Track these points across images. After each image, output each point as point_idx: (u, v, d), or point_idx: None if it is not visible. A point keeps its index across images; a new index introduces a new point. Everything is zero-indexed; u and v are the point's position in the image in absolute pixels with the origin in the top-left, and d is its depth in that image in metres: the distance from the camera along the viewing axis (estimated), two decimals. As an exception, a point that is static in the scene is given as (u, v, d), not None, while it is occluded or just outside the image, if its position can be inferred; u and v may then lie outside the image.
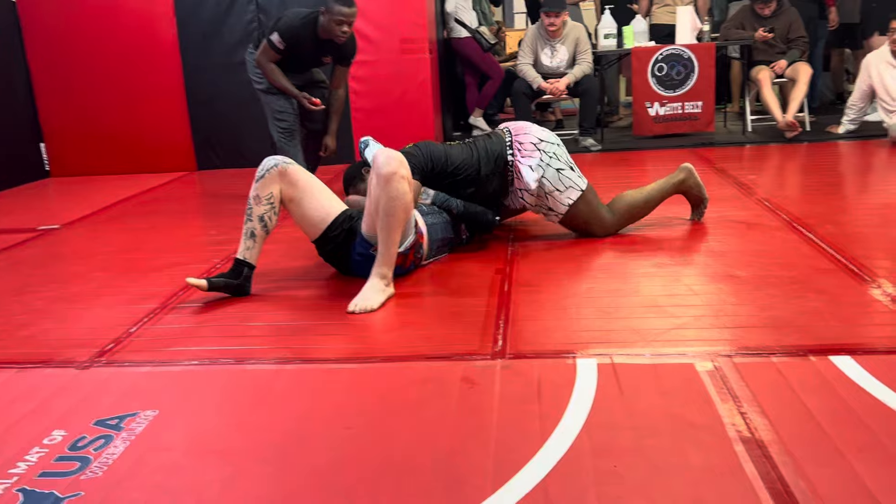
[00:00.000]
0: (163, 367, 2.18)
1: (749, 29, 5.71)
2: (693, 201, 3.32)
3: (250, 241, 2.68)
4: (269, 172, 2.66)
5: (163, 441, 1.76)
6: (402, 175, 2.52)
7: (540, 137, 3.07)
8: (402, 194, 2.52)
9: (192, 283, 2.62)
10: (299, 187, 2.69)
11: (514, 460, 1.57)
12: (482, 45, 6.15)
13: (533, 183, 3.01)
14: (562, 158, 3.06)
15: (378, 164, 2.53)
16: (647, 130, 5.68)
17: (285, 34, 3.90)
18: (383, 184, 2.50)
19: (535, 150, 3.03)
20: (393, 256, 2.59)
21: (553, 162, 3.03)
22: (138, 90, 5.56)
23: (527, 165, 3.02)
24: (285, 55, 3.96)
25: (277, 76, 4.01)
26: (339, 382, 2.02)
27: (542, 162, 3.02)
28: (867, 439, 1.57)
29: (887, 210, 3.43)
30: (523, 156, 3.03)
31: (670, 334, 2.17)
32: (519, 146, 3.05)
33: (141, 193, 4.93)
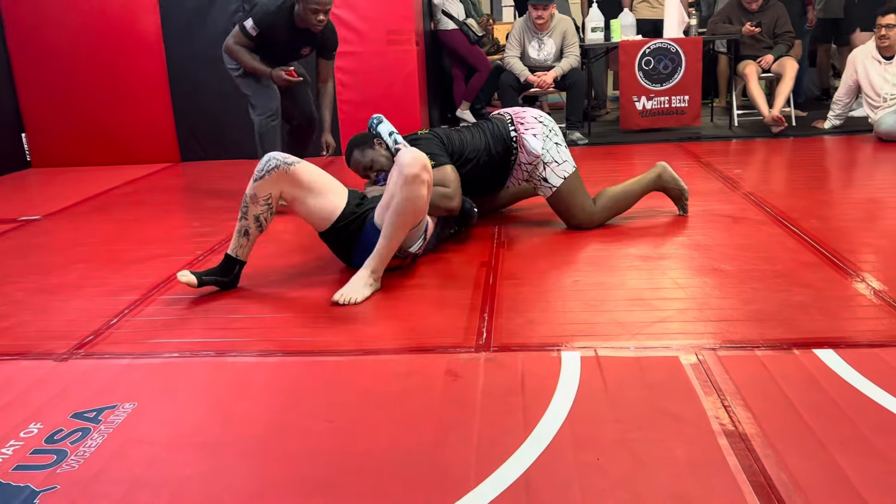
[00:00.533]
0: (143, 359, 2.15)
1: (736, 23, 5.71)
2: (673, 196, 3.33)
3: (244, 238, 2.63)
4: (269, 174, 2.56)
5: (142, 434, 1.73)
6: (423, 179, 2.48)
7: (539, 114, 3.26)
8: (418, 197, 2.49)
9: (183, 281, 2.58)
10: (303, 187, 2.60)
11: (497, 453, 1.56)
12: (469, 38, 6.12)
13: (539, 148, 3.11)
14: (559, 135, 3.21)
15: (404, 162, 2.48)
16: (634, 124, 5.68)
17: (260, 21, 3.76)
18: (403, 183, 2.47)
19: (537, 122, 3.17)
20: (390, 254, 2.57)
21: (553, 136, 3.17)
22: (121, 80, 5.49)
23: (531, 134, 3.13)
24: (259, 43, 3.81)
25: (246, 57, 3.81)
26: (322, 375, 2.00)
27: (544, 132, 3.15)
28: (849, 432, 1.57)
29: (871, 205, 3.45)
30: (526, 128, 3.15)
31: (655, 327, 2.16)
32: (521, 121, 3.18)
33: (124, 184, 4.87)
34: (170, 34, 5.40)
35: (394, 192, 2.50)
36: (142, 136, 5.60)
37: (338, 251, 2.82)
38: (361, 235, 2.66)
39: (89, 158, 5.65)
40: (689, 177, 4.19)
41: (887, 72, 4.93)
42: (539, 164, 3.13)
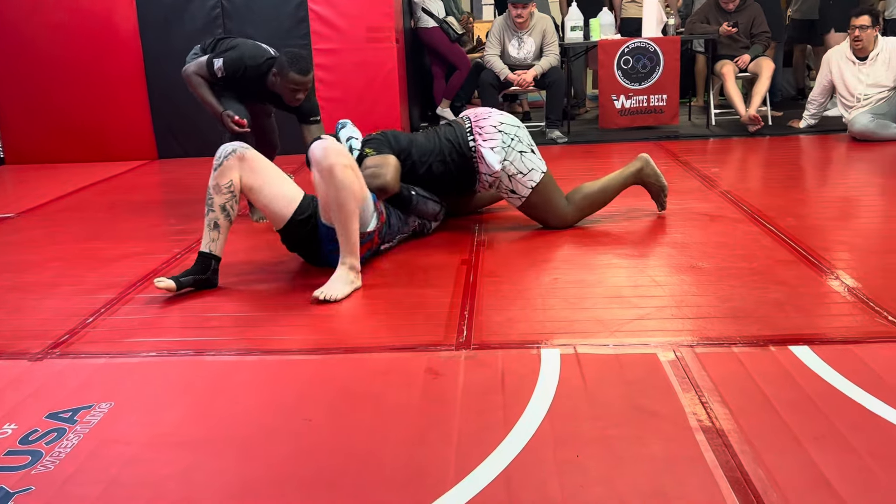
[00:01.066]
0: (120, 358, 2.13)
1: (713, 23, 5.76)
2: (653, 191, 3.31)
3: (214, 232, 2.61)
4: (227, 159, 2.58)
5: (119, 434, 1.71)
6: (343, 164, 2.49)
7: (500, 121, 3.08)
8: (350, 183, 2.49)
9: (162, 286, 2.54)
10: (259, 173, 2.62)
11: (476, 451, 1.56)
12: (449, 36, 6.12)
13: (497, 165, 3.02)
14: (524, 141, 3.08)
15: (315, 158, 2.49)
16: (613, 123, 5.71)
17: (229, 67, 3.47)
18: (327, 177, 2.48)
19: (497, 132, 3.05)
20: (355, 245, 2.56)
21: (515, 144, 3.05)
22: (97, 76, 5.42)
23: (488, 148, 3.03)
24: (219, 84, 3.54)
25: (202, 90, 3.53)
26: (301, 374, 1.99)
27: (504, 144, 3.03)
28: (824, 428, 1.59)
29: (845, 203, 3.50)
30: (484, 139, 3.04)
31: (633, 325, 2.18)
32: (479, 130, 3.06)
33: (100, 182, 4.82)
34: (146, 30, 5.34)
35: (325, 190, 2.51)
36: (118, 132, 5.54)
37: (302, 251, 2.81)
38: (318, 234, 2.68)
39: (64, 155, 5.57)
40: (668, 175, 4.21)
41: (861, 72, 5.00)
42: (503, 177, 3.06)
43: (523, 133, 3.10)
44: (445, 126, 3.18)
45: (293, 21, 5.26)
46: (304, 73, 3.38)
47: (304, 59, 3.40)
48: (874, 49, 4.96)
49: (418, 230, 3.16)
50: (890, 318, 2.13)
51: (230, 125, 3.50)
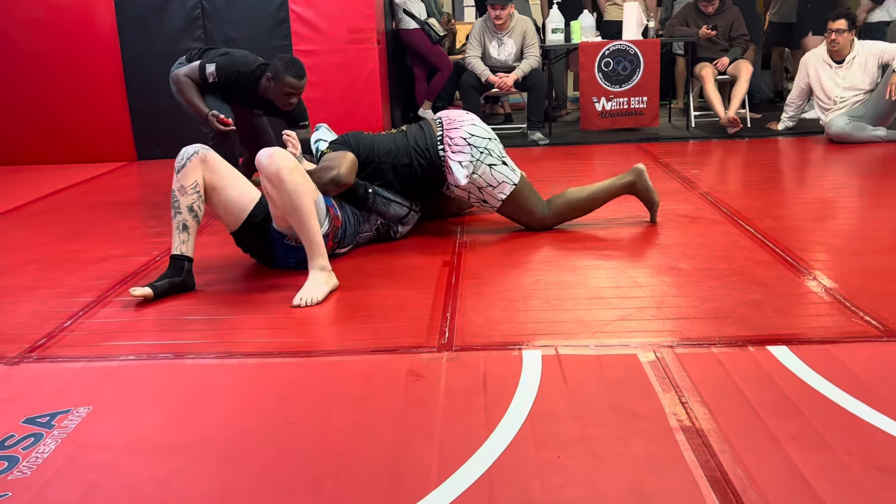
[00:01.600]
0: (98, 362, 2.11)
1: (693, 26, 5.81)
2: (644, 203, 3.26)
3: (184, 233, 2.60)
4: (189, 161, 2.59)
5: (97, 438, 1.70)
6: (289, 167, 2.49)
7: (471, 132, 3.02)
8: (299, 184, 2.51)
9: (138, 294, 2.52)
10: (220, 174, 2.65)
11: (458, 453, 1.56)
12: (431, 37, 6.12)
13: (463, 180, 2.99)
14: (494, 153, 3.02)
15: (262, 165, 2.50)
16: (594, 125, 5.74)
17: (221, 72, 3.58)
18: (276, 182, 2.49)
19: (466, 145, 2.99)
20: (320, 245, 2.57)
21: (485, 158, 3.00)
22: (75, 77, 5.36)
23: (457, 162, 2.98)
24: (210, 88, 3.65)
25: (191, 93, 3.64)
26: (282, 377, 1.98)
27: (474, 158, 2.98)
28: (801, 427, 1.61)
29: (823, 204, 3.54)
30: (454, 151, 2.99)
31: (614, 325, 2.19)
32: (450, 141, 3.01)
33: (78, 184, 4.76)
34: (125, 30, 5.29)
35: (276, 196, 2.52)
36: (97, 134, 5.49)
37: (256, 253, 2.83)
38: (270, 236, 2.70)
39: (42, 157, 5.51)
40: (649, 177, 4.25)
41: (837, 75, 5.06)
42: (472, 189, 3.04)
43: (494, 145, 3.04)
44: (416, 128, 3.12)
45: (274, 22, 5.25)
46: (300, 78, 3.48)
47: (299, 64, 3.49)
48: (850, 52, 5.03)
49: (382, 232, 3.11)
50: (866, 319, 2.16)
51: (216, 125, 3.56)
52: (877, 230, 3.07)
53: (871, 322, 2.13)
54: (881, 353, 1.95)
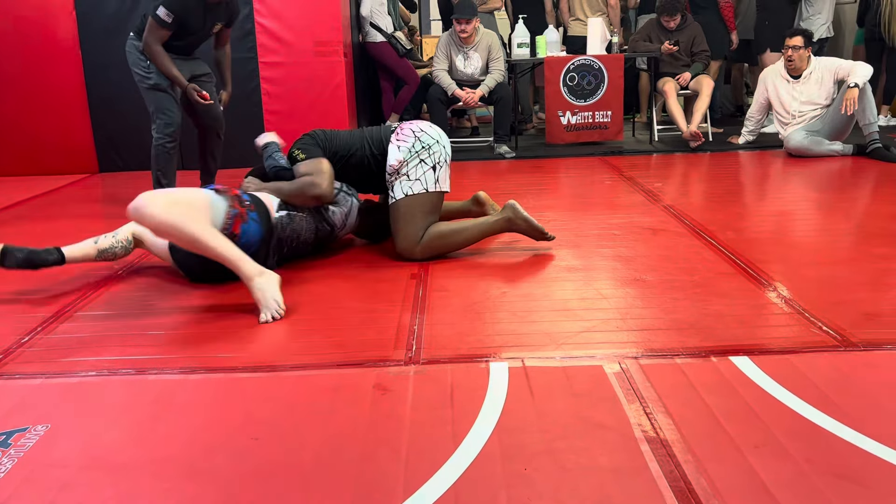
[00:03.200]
0: (56, 378, 2.06)
1: (656, 42, 5.92)
2: (532, 236, 3.11)
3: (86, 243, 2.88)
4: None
5: (55, 457, 1.66)
6: (157, 212, 2.41)
7: (422, 129, 3.03)
8: (176, 219, 2.43)
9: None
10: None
11: (425, 466, 1.56)
12: (398, 51, 6.14)
13: (394, 159, 2.97)
14: (434, 156, 2.98)
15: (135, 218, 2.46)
16: (559, 139, 5.80)
17: (171, 5, 3.68)
18: (158, 230, 2.47)
19: (412, 135, 3.01)
20: (238, 258, 2.49)
21: (423, 154, 2.97)
22: (35, 88, 5.27)
23: (396, 146, 3.00)
24: (174, 29, 3.75)
25: (166, 62, 3.77)
26: (246, 392, 1.96)
27: (413, 149, 2.97)
28: (763, 436, 1.64)
29: (782, 217, 3.62)
30: (398, 138, 3.02)
31: (580, 337, 2.21)
32: (400, 131, 3.05)
33: (38, 196, 4.67)
34: (87, 40, 5.22)
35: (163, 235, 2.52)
36: (57, 145, 5.39)
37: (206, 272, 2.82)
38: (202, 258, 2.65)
39: (1, 169, 5.39)
40: (613, 190, 4.32)
41: (795, 90, 5.19)
42: (394, 174, 2.99)
43: (440, 150, 3.00)
44: (376, 127, 3.18)
45: (239, 33, 5.21)
46: None
47: None
48: (807, 68, 5.16)
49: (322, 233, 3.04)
50: (825, 329, 2.21)
51: (196, 98, 3.80)
52: (834, 242, 3.15)
53: (829, 332, 2.18)
54: (839, 363, 1.99)
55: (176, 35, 3.80)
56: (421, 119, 7.43)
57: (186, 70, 3.94)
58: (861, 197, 4.11)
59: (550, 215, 3.71)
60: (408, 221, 2.96)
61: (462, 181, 4.80)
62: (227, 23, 4.06)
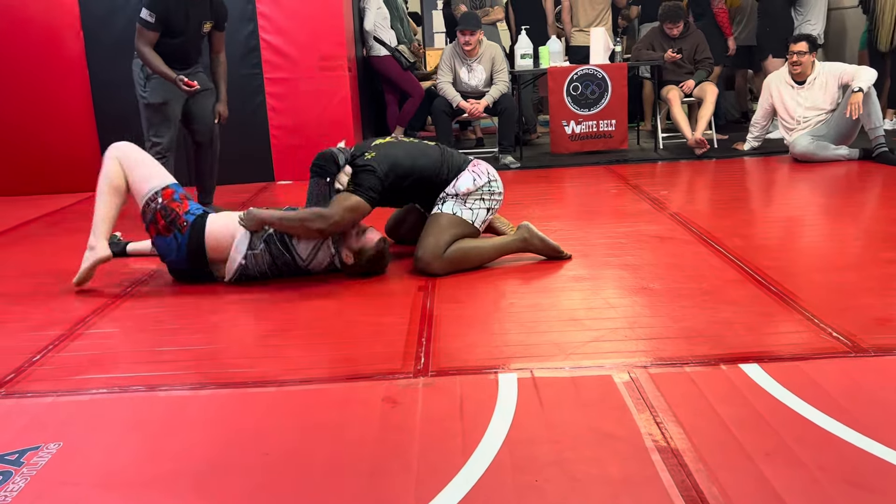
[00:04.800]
0: (68, 396, 2.07)
1: (658, 50, 5.93)
2: (547, 255, 3.14)
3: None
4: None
5: (68, 475, 1.66)
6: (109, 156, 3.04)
7: (496, 176, 3.14)
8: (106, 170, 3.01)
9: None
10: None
11: (436, 479, 1.56)
12: (402, 64, 6.17)
13: (465, 188, 3.02)
14: (492, 202, 3.10)
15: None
16: (564, 148, 5.80)
17: (153, 4, 3.74)
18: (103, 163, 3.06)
19: (487, 176, 3.10)
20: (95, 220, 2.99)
21: (486, 195, 3.07)
22: (43, 106, 5.29)
23: (472, 175, 3.05)
24: (160, 30, 3.79)
25: (154, 60, 3.82)
26: (257, 407, 1.96)
27: (485, 187, 3.06)
28: (774, 443, 1.63)
29: (789, 223, 3.61)
30: (475, 171, 3.08)
31: (589, 347, 2.21)
32: (476, 165, 3.12)
33: (47, 214, 4.70)
34: (94, 58, 5.26)
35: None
36: (66, 164, 5.41)
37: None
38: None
39: (9, 189, 5.42)
40: (618, 199, 4.32)
41: (800, 95, 5.19)
42: (454, 197, 3.02)
43: (499, 200, 3.14)
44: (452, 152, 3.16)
45: (245, 50, 5.25)
46: None
47: None
48: (811, 73, 5.16)
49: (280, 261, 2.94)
50: (834, 335, 2.20)
51: (183, 88, 3.79)
52: (842, 247, 3.14)
53: (839, 338, 2.17)
54: (849, 369, 1.98)
55: (166, 36, 3.82)
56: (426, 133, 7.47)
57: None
58: (868, 201, 4.10)
59: (557, 225, 3.71)
60: (441, 233, 2.99)
61: (468, 192, 4.81)
62: (215, 23, 4.07)
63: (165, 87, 3.93)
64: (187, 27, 3.93)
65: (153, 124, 4.01)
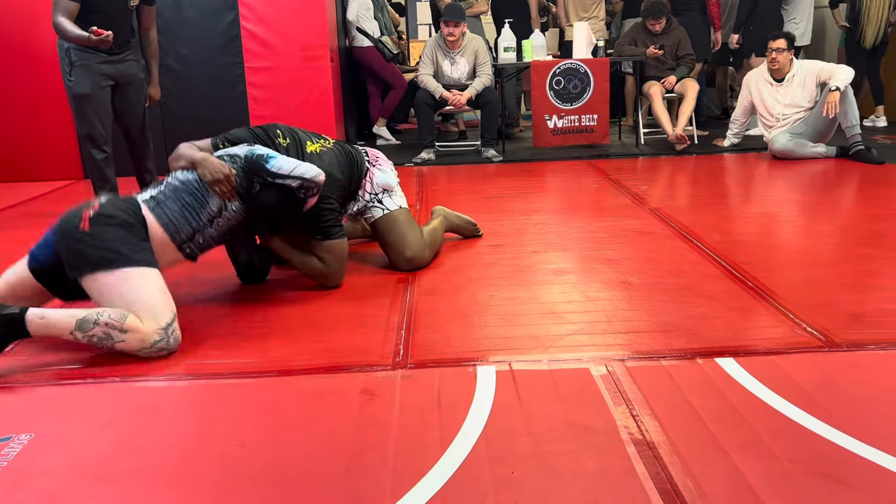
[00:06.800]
0: (41, 387, 2.04)
1: (641, 45, 5.95)
2: (465, 233, 3.40)
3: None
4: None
5: (40, 466, 1.64)
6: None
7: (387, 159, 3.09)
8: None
9: None
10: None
11: (413, 471, 1.56)
12: (385, 55, 6.15)
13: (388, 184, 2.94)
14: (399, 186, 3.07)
15: None
16: (546, 142, 5.81)
17: None
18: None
19: (388, 162, 3.06)
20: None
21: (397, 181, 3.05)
22: (19, 92, 5.23)
23: (380, 169, 2.97)
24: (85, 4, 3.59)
25: (68, 27, 3.56)
26: (233, 398, 1.95)
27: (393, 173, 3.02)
28: (748, 437, 1.65)
29: (767, 219, 3.64)
30: (380, 164, 3.00)
31: (567, 340, 2.21)
32: (376, 157, 3.03)
33: (21, 203, 4.63)
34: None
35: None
36: (41, 151, 5.35)
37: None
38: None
39: (-17, 175, 5.35)
40: (599, 194, 4.34)
41: (778, 93, 5.23)
42: (383, 193, 2.94)
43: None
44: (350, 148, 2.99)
45: (225, 39, 5.21)
46: None
47: None
48: (790, 71, 5.20)
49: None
50: (809, 330, 2.22)
51: (96, 39, 3.47)
52: (818, 243, 3.17)
53: (813, 333, 2.20)
54: (823, 364, 2.01)
55: (87, 11, 3.61)
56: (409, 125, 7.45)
57: (113, 71, 3.77)
58: (844, 198, 4.15)
59: (538, 219, 3.72)
60: (411, 228, 2.97)
61: (450, 185, 4.81)
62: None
63: (92, 77, 3.72)
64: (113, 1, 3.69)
65: (83, 117, 3.78)
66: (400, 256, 2.94)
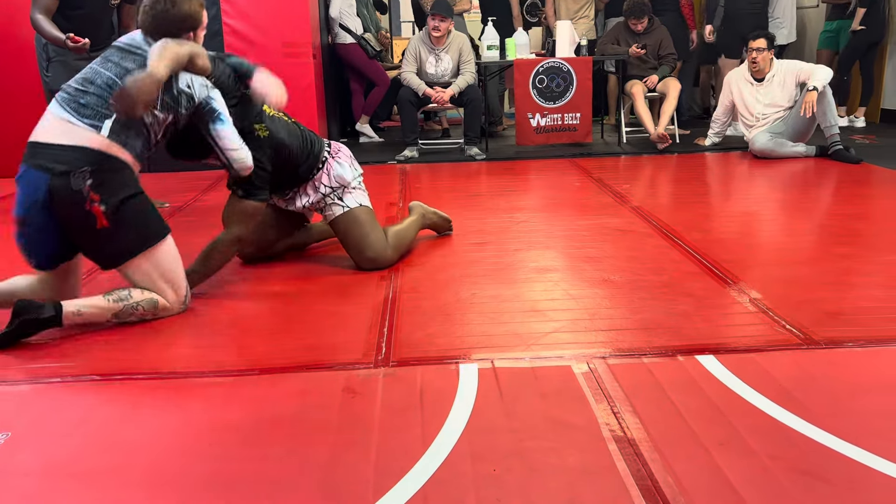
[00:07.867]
0: (17, 385, 2.02)
1: (623, 45, 5.97)
2: (440, 228, 3.40)
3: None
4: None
5: (16, 466, 1.62)
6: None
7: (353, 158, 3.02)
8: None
9: None
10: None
11: (395, 469, 1.55)
12: (367, 52, 6.13)
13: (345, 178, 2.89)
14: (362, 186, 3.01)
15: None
16: (529, 140, 5.82)
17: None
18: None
19: (350, 160, 2.98)
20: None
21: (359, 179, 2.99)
22: (17, 90, 5.16)
23: (338, 162, 2.92)
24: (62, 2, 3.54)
25: (46, 26, 3.51)
26: (213, 397, 1.93)
27: (356, 172, 2.97)
28: (727, 433, 1.66)
29: (748, 217, 3.67)
30: (340, 158, 2.94)
31: (549, 338, 2.22)
32: (338, 150, 2.97)
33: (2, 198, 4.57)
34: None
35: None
36: (19, 145, 5.27)
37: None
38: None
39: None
40: (582, 192, 4.35)
41: (759, 92, 5.27)
42: (340, 189, 2.90)
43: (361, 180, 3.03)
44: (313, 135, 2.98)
45: (207, 34, 5.12)
46: None
47: None
48: (770, 71, 5.24)
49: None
50: (788, 327, 2.24)
51: (72, 46, 3.48)
52: (797, 242, 3.20)
53: (792, 331, 2.22)
54: (802, 361, 2.03)
55: (67, 7, 3.55)
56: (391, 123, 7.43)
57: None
58: (823, 197, 4.19)
59: (521, 217, 3.72)
60: (373, 227, 2.93)
61: (433, 183, 4.80)
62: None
63: (69, 73, 3.49)
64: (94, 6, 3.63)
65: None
66: (361, 256, 2.91)
